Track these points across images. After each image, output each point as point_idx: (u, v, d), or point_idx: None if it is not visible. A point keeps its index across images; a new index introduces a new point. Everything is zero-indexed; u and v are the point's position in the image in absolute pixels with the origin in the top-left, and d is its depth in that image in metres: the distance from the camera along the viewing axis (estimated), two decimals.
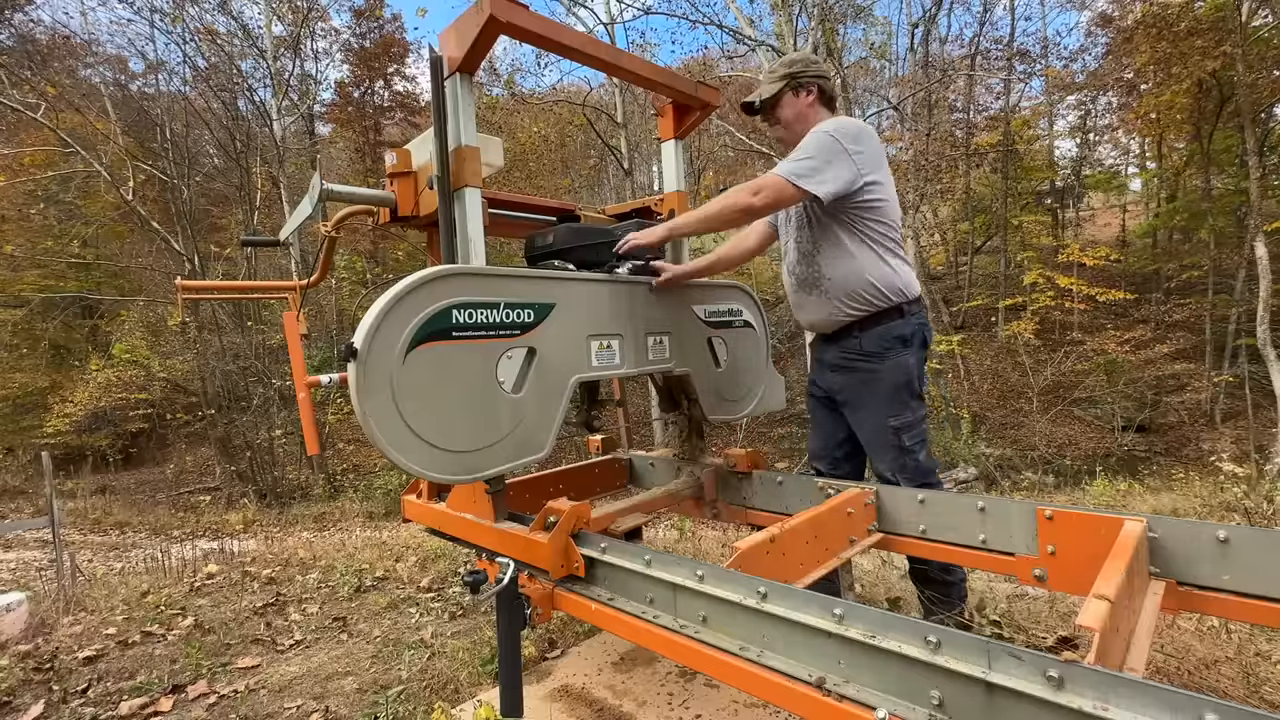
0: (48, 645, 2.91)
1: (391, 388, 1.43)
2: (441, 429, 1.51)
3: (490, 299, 1.61)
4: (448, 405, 1.53)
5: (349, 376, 1.41)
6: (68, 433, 16.07)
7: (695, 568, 1.38)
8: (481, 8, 1.64)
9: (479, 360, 1.58)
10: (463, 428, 1.55)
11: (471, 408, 1.57)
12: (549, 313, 1.73)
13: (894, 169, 15.83)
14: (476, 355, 1.58)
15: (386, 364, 1.43)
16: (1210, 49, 12.80)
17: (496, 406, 1.62)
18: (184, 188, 15.81)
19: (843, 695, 1.07)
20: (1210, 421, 14.52)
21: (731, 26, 13.71)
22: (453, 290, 1.54)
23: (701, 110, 2.38)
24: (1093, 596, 1.09)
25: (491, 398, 1.61)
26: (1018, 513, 1.67)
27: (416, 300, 1.48)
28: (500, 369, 1.63)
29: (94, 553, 8.13)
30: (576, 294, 1.82)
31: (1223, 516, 5.11)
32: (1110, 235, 22.16)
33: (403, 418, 1.45)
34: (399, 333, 1.45)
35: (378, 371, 1.42)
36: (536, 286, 1.73)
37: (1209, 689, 1.90)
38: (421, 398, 1.48)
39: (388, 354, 1.43)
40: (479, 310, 1.58)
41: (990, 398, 16.35)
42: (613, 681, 2.23)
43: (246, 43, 16.04)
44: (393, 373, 1.44)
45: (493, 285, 1.63)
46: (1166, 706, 0.81)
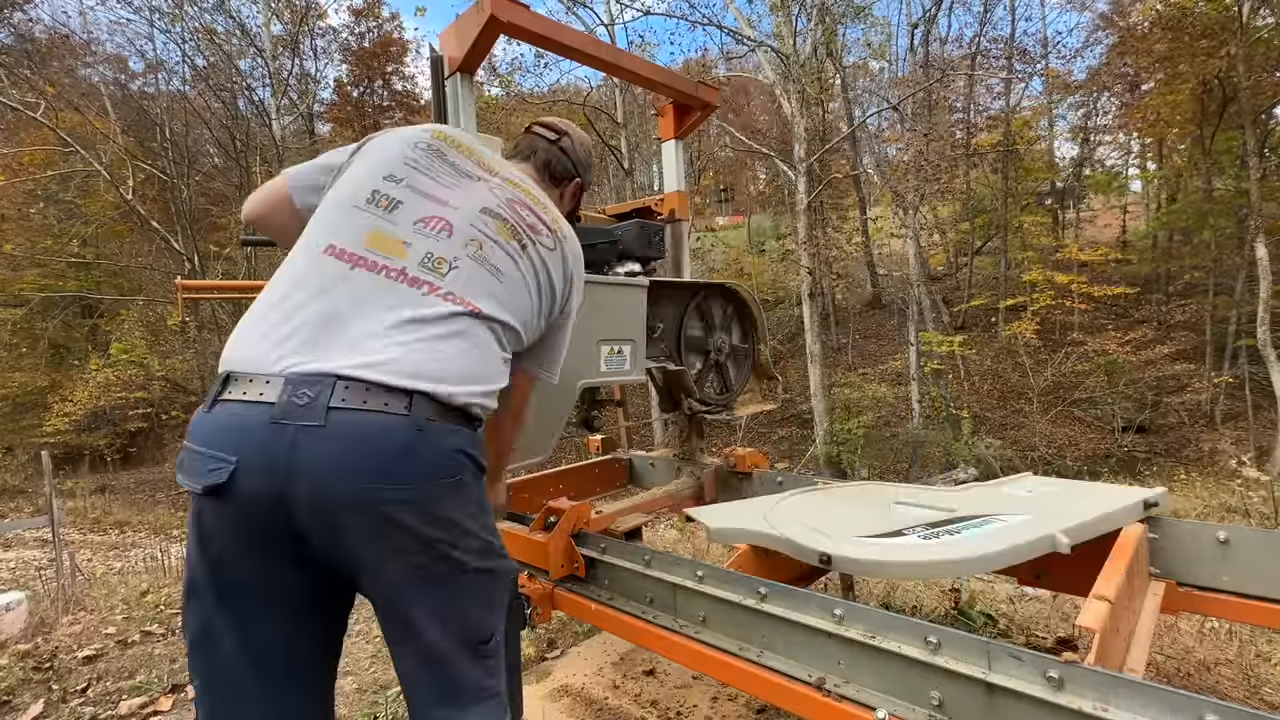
0: (47, 645, 2.91)
1: None
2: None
3: None
4: None
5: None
6: (67, 432, 16.06)
7: (695, 568, 1.38)
8: (482, 7, 1.64)
9: None
10: None
11: None
12: None
13: (894, 169, 15.90)
14: None
15: None
16: (1214, 50, 12.82)
17: None
18: (184, 187, 15.81)
19: (843, 695, 1.07)
20: (1210, 422, 14.52)
21: (731, 27, 13.71)
22: None
23: (702, 110, 2.38)
24: (1093, 597, 1.09)
25: None
26: None
27: None
28: None
29: (93, 552, 8.12)
30: (587, 298, 1.82)
31: (1223, 517, 5.12)
32: (1111, 236, 22.16)
33: None
34: None
35: None
36: None
37: (1209, 690, 1.90)
38: None
39: None
40: None
41: (990, 398, 16.35)
42: (612, 681, 2.23)
43: (245, 42, 16.03)
44: None
45: None
46: (1166, 707, 0.81)
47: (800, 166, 12.37)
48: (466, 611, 1.06)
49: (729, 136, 19.82)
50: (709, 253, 18.89)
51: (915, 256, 15.36)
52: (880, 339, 19.64)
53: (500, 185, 1.24)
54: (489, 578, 1.10)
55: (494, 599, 1.12)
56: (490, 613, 1.11)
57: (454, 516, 1.02)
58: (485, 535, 1.10)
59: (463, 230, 1.13)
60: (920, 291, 15.63)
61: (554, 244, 1.26)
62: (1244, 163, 14.16)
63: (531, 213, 1.25)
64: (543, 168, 1.49)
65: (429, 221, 1.11)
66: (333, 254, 1.05)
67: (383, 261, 1.05)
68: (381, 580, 1.00)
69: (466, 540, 1.05)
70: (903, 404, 14.98)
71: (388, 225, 1.09)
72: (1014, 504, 1.62)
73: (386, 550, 0.97)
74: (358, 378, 0.93)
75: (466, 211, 1.16)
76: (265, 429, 0.90)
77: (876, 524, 1.53)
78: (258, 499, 0.91)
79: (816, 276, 13.29)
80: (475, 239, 1.13)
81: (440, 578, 1.02)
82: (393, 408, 0.95)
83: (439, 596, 1.03)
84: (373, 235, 1.07)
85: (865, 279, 21.66)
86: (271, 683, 1.00)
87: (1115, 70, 18.81)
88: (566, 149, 1.51)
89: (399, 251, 1.07)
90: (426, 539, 0.99)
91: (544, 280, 1.23)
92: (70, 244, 16.23)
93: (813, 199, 13.02)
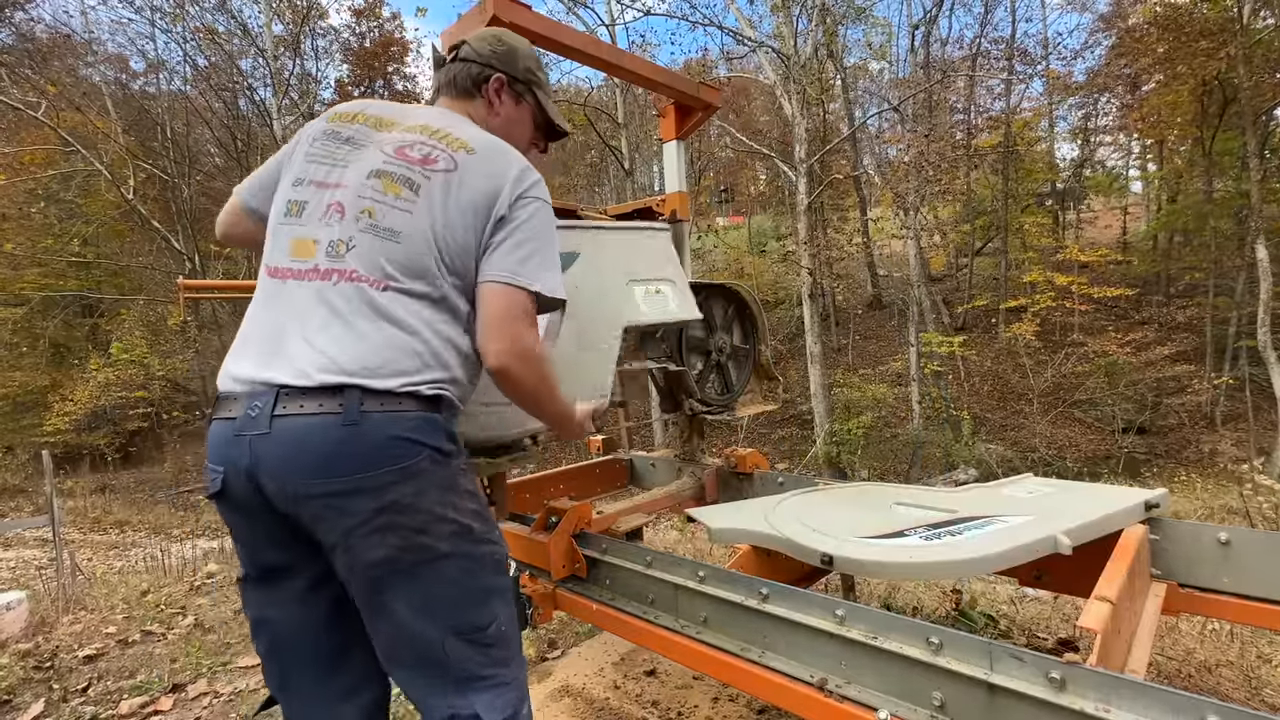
0: (48, 644, 2.91)
1: None
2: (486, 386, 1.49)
3: None
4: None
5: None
6: (67, 431, 16.07)
7: (696, 568, 1.38)
8: (484, 8, 1.65)
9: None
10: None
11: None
12: (572, 263, 1.71)
13: (894, 170, 15.91)
14: None
15: None
16: (1214, 50, 12.83)
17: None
18: (184, 187, 15.83)
19: (844, 696, 1.07)
20: (1211, 424, 14.52)
21: (732, 28, 13.71)
22: None
23: (703, 111, 2.38)
24: (1094, 598, 1.09)
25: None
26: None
27: None
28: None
29: (94, 551, 8.13)
30: (603, 242, 1.83)
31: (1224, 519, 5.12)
32: (1111, 237, 22.16)
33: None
34: None
35: None
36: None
37: (1210, 691, 1.90)
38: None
39: None
40: None
41: (991, 399, 16.35)
42: (613, 681, 2.23)
43: (246, 42, 16.04)
44: None
45: None
46: (1168, 708, 0.81)
47: (801, 167, 12.37)
48: (449, 598, 1.05)
49: (730, 137, 19.82)
50: (710, 253, 18.89)
51: (916, 257, 15.36)
52: (880, 340, 19.64)
53: (396, 136, 1.16)
54: (467, 562, 1.08)
55: (481, 584, 1.09)
56: (480, 599, 1.09)
57: (411, 502, 1.01)
58: (460, 519, 1.07)
59: (352, 205, 1.10)
60: (921, 292, 15.63)
61: (453, 163, 1.13)
62: (1244, 164, 14.17)
63: (425, 146, 1.15)
64: (449, 87, 1.34)
65: (328, 210, 1.11)
66: (270, 274, 1.11)
67: (300, 266, 1.08)
68: (353, 574, 1.02)
69: (434, 526, 1.03)
70: (903, 405, 14.98)
71: (300, 229, 1.11)
72: (1015, 505, 1.62)
73: (347, 540, 1.00)
74: (294, 385, 0.99)
75: (355, 184, 1.12)
76: (232, 441, 1.01)
77: (878, 525, 1.53)
78: (245, 500, 1.03)
79: (817, 277, 13.30)
80: (365, 209, 1.09)
81: (411, 566, 1.02)
82: (327, 407, 0.99)
83: (414, 585, 1.03)
84: (292, 244, 1.10)
85: (865, 280, 21.66)
86: (319, 658, 1.12)
87: (1115, 71, 18.82)
88: (465, 55, 1.34)
89: (310, 251, 1.09)
90: (382, 526, 0.99)
91: (455, 205, 1.10)
92: (71, 243, 16.24)
93: (813, 200, 13.02)
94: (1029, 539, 1.30)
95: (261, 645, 1.13)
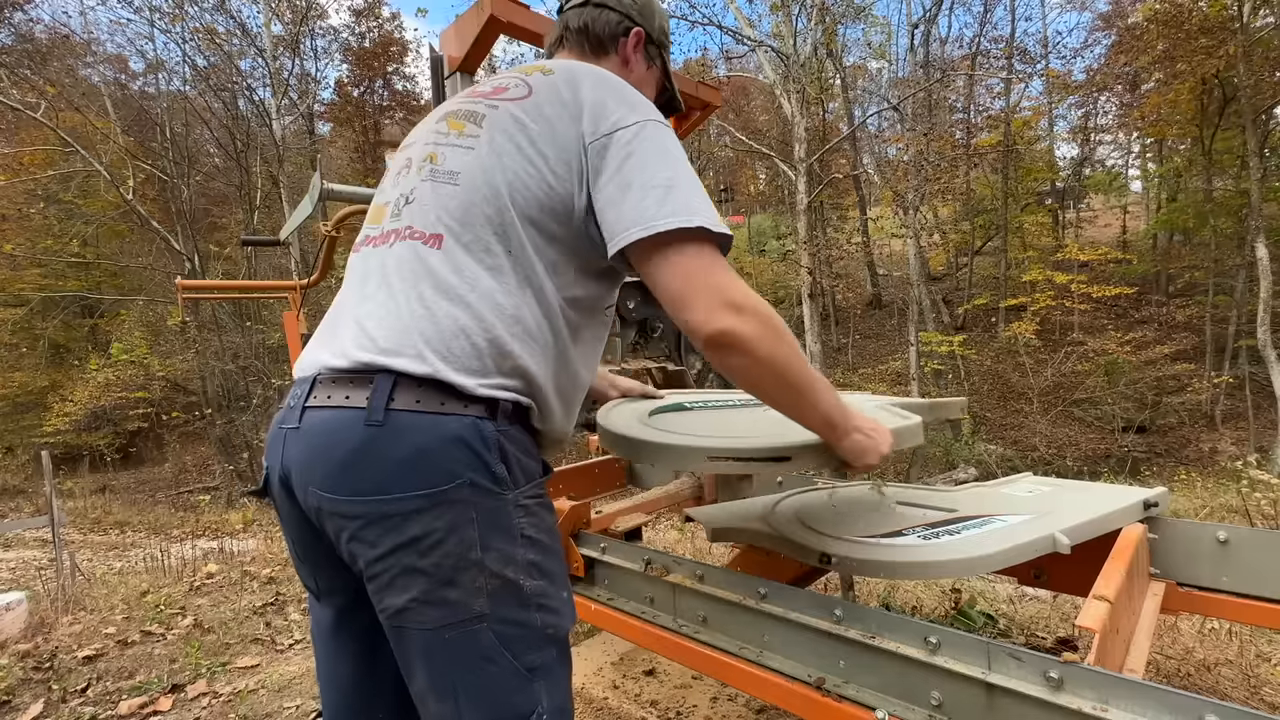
0: (47, 644, 2.91)
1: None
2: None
3: None
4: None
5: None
6: (67, 432, 16.08)
7: (695, 568, 1.38)
8: (482, 7, 1.64)
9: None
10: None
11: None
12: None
13: (894, 169, 15.91)
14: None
15: None
16: (1214, 48, 12.83)
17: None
18: (184, 187, 15.82)
19: (842, 695, 1.07)
20: (1211, 422, 14.52)
21: (731, 27, 13.71)
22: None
23: (702, 110, 2.37)
24: (1092, 597, 1.09)
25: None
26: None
27: None
28: None
29: (93, 552, 8.12)
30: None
31: (1223, 517, 5.12)
32: (1111, 236, 22.17)
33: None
34: None
35: None
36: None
37: (1209, 691, 1.90)
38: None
39: None
40: None
41: (991, 398, 16.35)
42: (612, 681, 2.23)
43: (245, 42, 16.04)
44: None
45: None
46: (1166, 708, 0.81)
47: (800, 166, 12.37)
48: (481, 679, 0.79)
49: (729, 136, 19.83)
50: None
51: (915, 256, 15.36)
52: (880, 339, 19.64)
53: (478, 86, 0.99)
54: (512, 630, 0.81)
55: (525, 661, 0.82)
56: (525, 681, 0.82)
57: (439, 541, 0.76)
58: (504, 571, 0.80)
59: (419, 153, 0.92)
60: (920, 291, 15.63)
61: (527, 88, 0.91)
62: (1244, 163, 14.17)
63: (503, 79, 0.96)
64: (579, 35, 1.10)
65: (403, 170, 0.94)
66: (356, 250, 0.97)
67: (371, 234, 0.92)
68: (378, 612, 0.82)
69: (466, 577, 0.78)
70: None
71: (380, 195, 0.98)
72: (1014, 504, 1.62)
73: (365, 577, 0.80)
74: (333, 367, 0.81)
75: (424, 133, 0.95)
76: (275, 434, 0.88)
77: (877, 524, 1.53)
78: (283, 503, 0.89)
79: (816, 276, 13.29)
80: (428, 155, 0.90)
81: (436, 626, 0.78)
82: (353, 399, 0.78)
83: (435, 651, 0.79)
84: (373, 212, 0.97)
85: (865, 279, 21.66)
86: (344, 701, 0.96)
87: (1115, 70, 18.83)
88: (606, 1, 1.11)
89: (381, 215, 0.93)
90: (400, 568, 0.76)
91: (529, 132, 0.86)
92: (70, 244, 16.25)
93: (813, 199, 13.02)
94: (1027, 538, 1.30)
95: (314, 642, 0.98)
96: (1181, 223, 18.27)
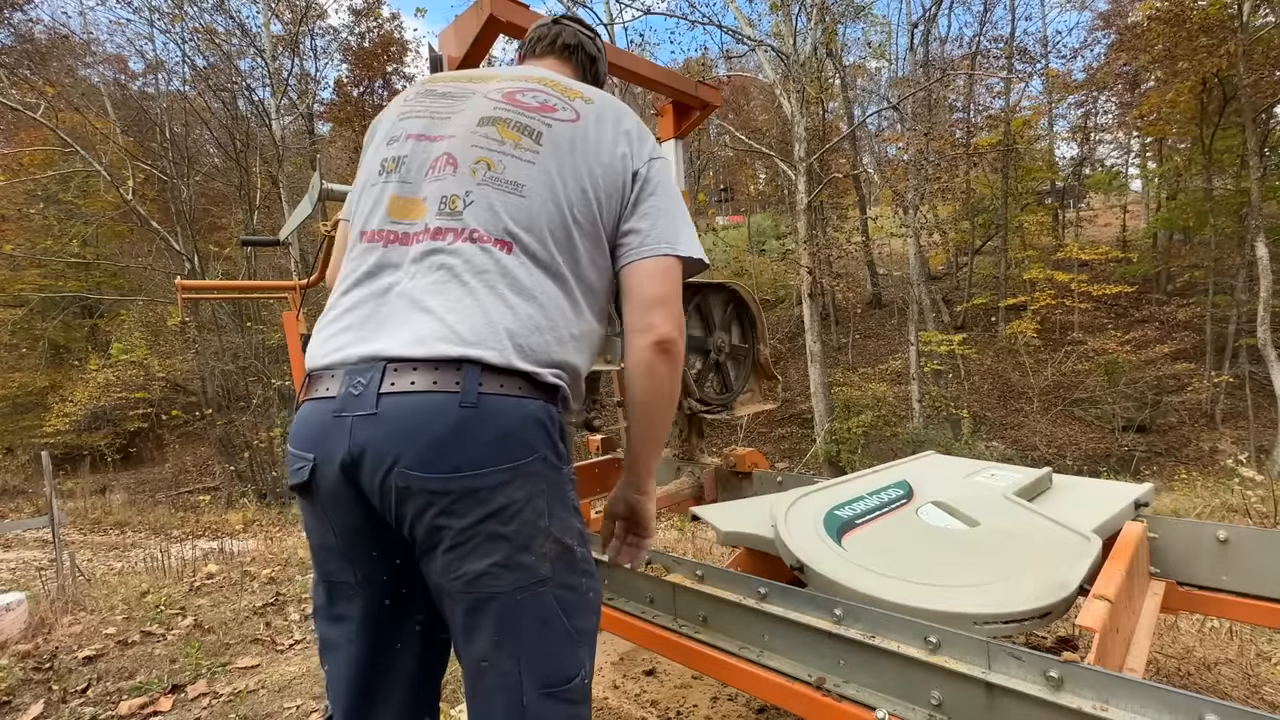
0: (47, 645, 2.91)
1: None
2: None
3: None
4: None
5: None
6: (67, 432, 16.08)
7: (695, 568, 1.38)
8: (481, 7, 1.64)
9: None
10: None
11: None
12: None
13: (894, 169, 15.91)
14: None
15: None
16: (1214, 47, 12.83)
17: None
18: (183, 187, 15.81)
19: (843, 695, 1.07)
20: (1210, 422, 14.53)
21: (731, 27, 13.71)
22: None
23: (702, 110, 2.38)
24: (1093, 597, 1.09)
25: None
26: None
27: None
28: None
29: (94, 552, 8.12)
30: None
31: (1224, 517, 5.11)
32: (1111, 235, 22.17)
33: None
34: None
35: None
36: None
37: (1209, 690, 1.90)
38: None
39: None
40: None
41: (990, 398, 16.35)
42: (612, 681, 2.22)
43: (245, 42, 16.04)
44: None
45: None
46: (1166, 707, 0.81)
47: (800, 166, 12.37)
48: (540, 639, 0.88)
49: (729, 136, 19.82)
50: (709, 252, 18.87)
51: (915, 256, 15.36)
52: (880, 338, 19.64)
53: (502, 85, 1.06)
54: (567, 594, 0.90)
55: (575, 625, 0.91)
56: (571, 645, 0.90)
57: (521, 510, 0.86)
58: (564, 538, 0.91)
59: (465, 155, 0.97)
60: (920, 291, 15.63)
61: (574, 113, 1.02)
62: (1244, 161, 14.17)
63: (539, 93, 1.04)
64: (571, 52, 1.25)
65: (435, 164, 0.98)
66: (366, 239, 0.98)
67: (406, 229, 0.96)
68: (445, 585, 0.88)
69: (538, 542, 0.87)
70: (903, 403, 14.98)
71: (401, 187, 0.99)
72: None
73: (444, 549, 0.86)
74: (404, 356, 0.86)
75: (464, 133, 0.99)
76: (330, 423, 0.88)
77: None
78: (334, 492, 0.89)
79: (816, 276, 13.29)
80: (480, 159, 0.96)
81: (509, 590, 0.86)
82: (442, 384, 0.85)
83: (506, 613, 0.86)
84: (392, 204, 0.98)
85: (865, 278, 21.67)
86: (373, 679, 0.97)
87: (1115, 69, 18.83)
88: (590, 51, 1.28)
89: (418, 211, 0.96)
90: (485, 534, 0.85)
91: (584, 160, 0.99)
92: (70, 244, 16.25)
93: (813, 199, 13.02)
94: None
95: (326, 667, 0.98)
96: (1181, 222, 18.27)
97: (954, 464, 1.98)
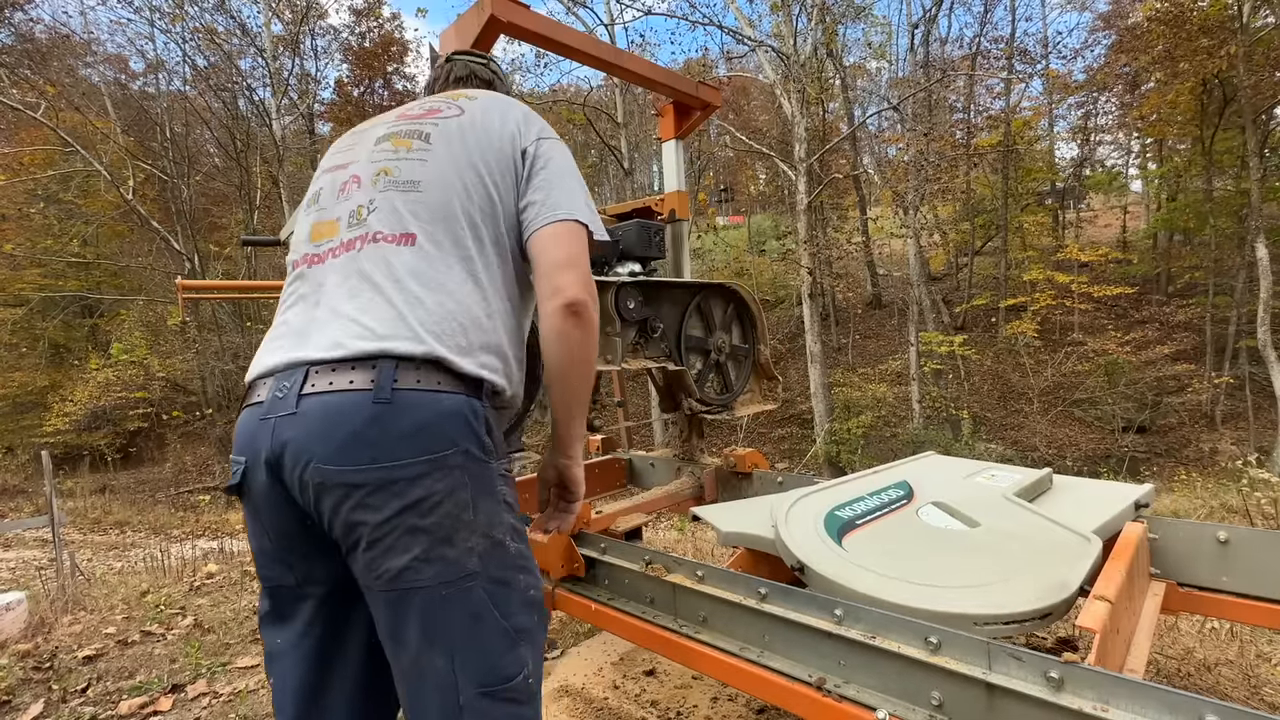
0: (47, 644, 2.91)
1: None
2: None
3: None
4: None
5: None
6: (67, 432, 16.07)
7: (695, 568, 1.38)
8: (482, 7, 1.64)
9: None
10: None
11: None
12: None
13: (894, 169, 15.90)
14: None
15: None
16: (1215, 48, 12.83)
17: None
18: (184, 187, 15.82)
19: (843, 696, 1.07)
20: (1211, 422, 14.52)
21: (731, 27, 13.71)
22: None
23: (702, 110, 2.38)
24: (1093, 598, 1.09)
25: None
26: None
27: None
28: None
29: (93, 552, 8.12)
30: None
31: (1224, 517, 5.12)
32: (1111, 236, 22.17)
33: None
34: None
35: None
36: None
37: (1209, 691, 1.90)
38: None
39: None
40: None
41: (990, 398, 16.35)
42: (613, 681, 2.22)
43: (245, 42, 16.04)
44: None
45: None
46: (1166, 708, 0.81)
47: (800, 166, 12.37)
48: (473, 636, 0.87)
49: (729, 136, 19.83)
50: (710, 253, 18.90)
51: (915, 256, 15.36)
52: (880, 339, 19.64)
53: (396, 111, 1.16)
54: (499, 590, 0.90)
55: (512, 622, 0.91)
56: (509, 643, 0.90)
57: (439, 502, 0.86)
58: (493, 532, 0.91)
59: (368, 171, 1.04)
60: (920, 291, 15.63)
61: (459, 109, 1.10)
62: (1244, 162, 14.17)
63: (427, 103, 1.15)
64: (457, 84, 1.35)
65: (344, 186, 1.06)
66: (295, 268, 1.06)
67: (326, 247, 1.02)
68: (370, 585, 0.88)
69: (461, 536, 0.87)
70: (903, 404, 14.98)
71: (319, 214, 1.07)
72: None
73: (364, 548, 0.86)
74: (324, 359, 0.89)
75: (366, 154, 1.08)
76: (258, 426, 0.91)
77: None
78: (263, 493, 0.91)
79: (816, 276, 13.29)
80: (381, 169, 1.03)
81: (432, 584, 0.85)
82: (358, 383, 0.87)
83: (432, 608, 0.86)
84: (313, 230, 1.05)
85: (865, 279, 21.67)
86: (320, 683, 0.96)
87: (1115, 70, 18.83)
88: (485, 61, 1.39)
89: (332, 230, 1.02)
90: (403, 528, 0.84)
91: (475, 147, 1.05)
92: (70, 244, 16.25)
93: (813, 199, 13.02)
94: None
95: (272, 679, 0.98)
96: (1181, 223, 18.26)
97: (954, 464, 1.98)
